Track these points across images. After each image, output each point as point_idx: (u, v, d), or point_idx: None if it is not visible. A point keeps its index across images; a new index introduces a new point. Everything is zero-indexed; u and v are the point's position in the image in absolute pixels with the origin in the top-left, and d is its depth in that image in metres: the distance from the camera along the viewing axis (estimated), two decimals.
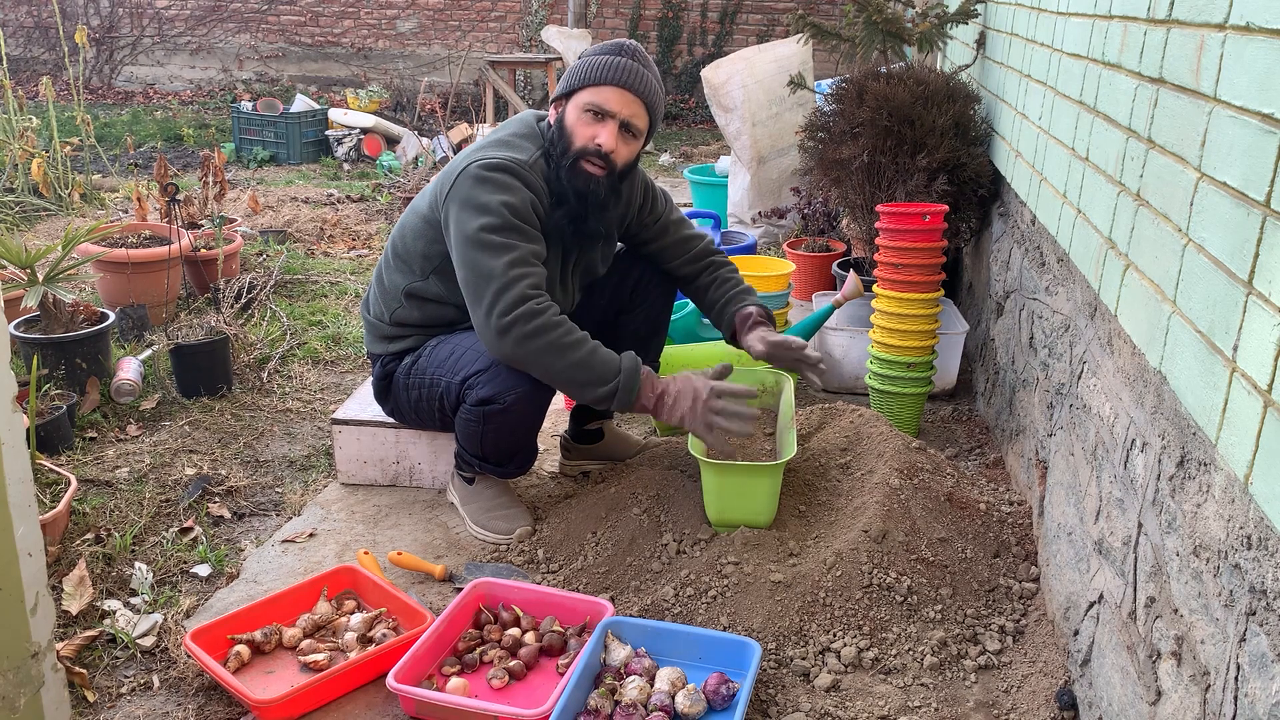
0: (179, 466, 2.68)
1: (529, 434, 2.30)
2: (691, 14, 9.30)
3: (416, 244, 2.27)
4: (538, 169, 2.19)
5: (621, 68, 2.16)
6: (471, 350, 2.20)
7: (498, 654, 1.90)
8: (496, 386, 2.13)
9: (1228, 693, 1.14)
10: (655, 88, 2.22)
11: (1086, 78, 2.04)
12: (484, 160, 2.14)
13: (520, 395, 2.14)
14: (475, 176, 2.13)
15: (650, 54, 9.34)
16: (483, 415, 2.18)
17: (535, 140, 2.24)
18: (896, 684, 1.82)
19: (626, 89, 2.16)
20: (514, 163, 2.14)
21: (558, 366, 2.04)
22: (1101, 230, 1.81)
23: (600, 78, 2.16)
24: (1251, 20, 1.20)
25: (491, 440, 2.24)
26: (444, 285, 2.25)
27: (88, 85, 9.77)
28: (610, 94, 2.16)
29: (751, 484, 2.09)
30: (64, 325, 2.99)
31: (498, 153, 2.16)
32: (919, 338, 2.79)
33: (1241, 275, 1.17)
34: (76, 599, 2.04)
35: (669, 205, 2.51)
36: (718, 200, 5.15)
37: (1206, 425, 1.24)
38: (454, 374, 2.21)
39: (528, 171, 2.16)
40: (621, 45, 2.21)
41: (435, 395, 2.26)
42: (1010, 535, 2.17)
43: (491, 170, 2.12)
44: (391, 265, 2.34)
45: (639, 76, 2.18)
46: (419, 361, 2.29)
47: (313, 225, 5.15)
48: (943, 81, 3.29)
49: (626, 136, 2.20)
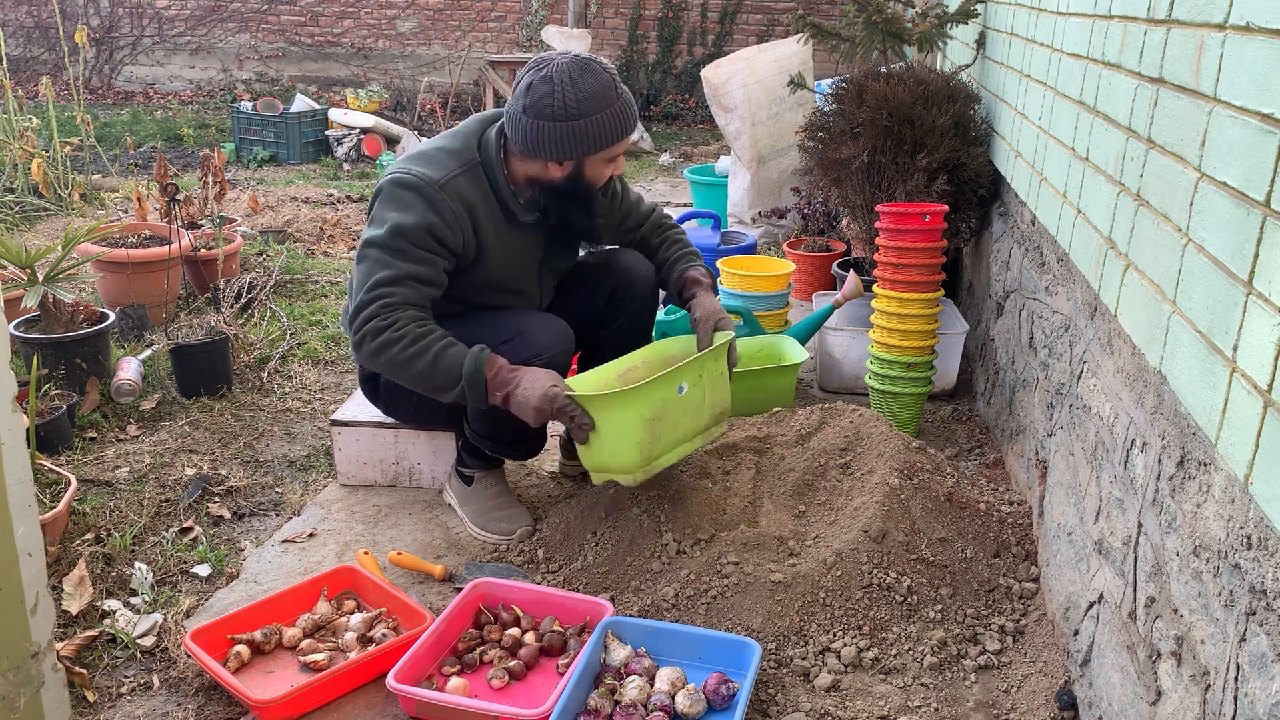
0: (179, 466, 2.68)
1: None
2: (691, 14, 9.30)
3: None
4: (452, 189, 2.13)
5: (627, 117, 2.14)
6: (493, 327, 2.21)
7: (498, 654, 1.90)
8: (529, 351, 2.14)
9: (1228, 693, 1.14)
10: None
11: (1086, 78, 2.04)
12: (396, 174, 2.15)
13: (551, 359, 2.15)
14: (383, 189, 2.15)
15: (650, 54, 9.41)
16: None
17: (461, 156, 2.19)
18: (896, 684, 1.82)
19: (631, 132, 2.21)
20: (423, 180, 2.11)
21: (405, 377, 2.08)
22: (1101, 230, 1.81)
23: (623, 133, 2.16)
24: (1251, 20, 1.20)
25: (510, 414, 2.18)
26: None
27: (88, 85, 9.77)
28: (622, 145, 2.20)
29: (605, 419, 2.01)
30: (64, 325, 2.99)
31: (413, 167, 2.15)
32: (919, 338, 2.79)
33: (1241, 275, 1.17)
34: (76, 599, 2.04)
35: (625, 185, 2.54)
36: (718, 200, 5.15)
37: (1206, 425, 1.24)
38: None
39: (437, 191, 2.11)
40: (612, 83, 2.11)
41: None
42: (1010, 535, 2.17)
43: (397, 186, 2.13)
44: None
45: (634, 113, 2.17)
46: None
47: (313, 225, 5.15)
48: (943, 81, 3.29)
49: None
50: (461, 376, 2.03)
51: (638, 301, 2.47)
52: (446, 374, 2.03)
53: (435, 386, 2.07)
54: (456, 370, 2.03)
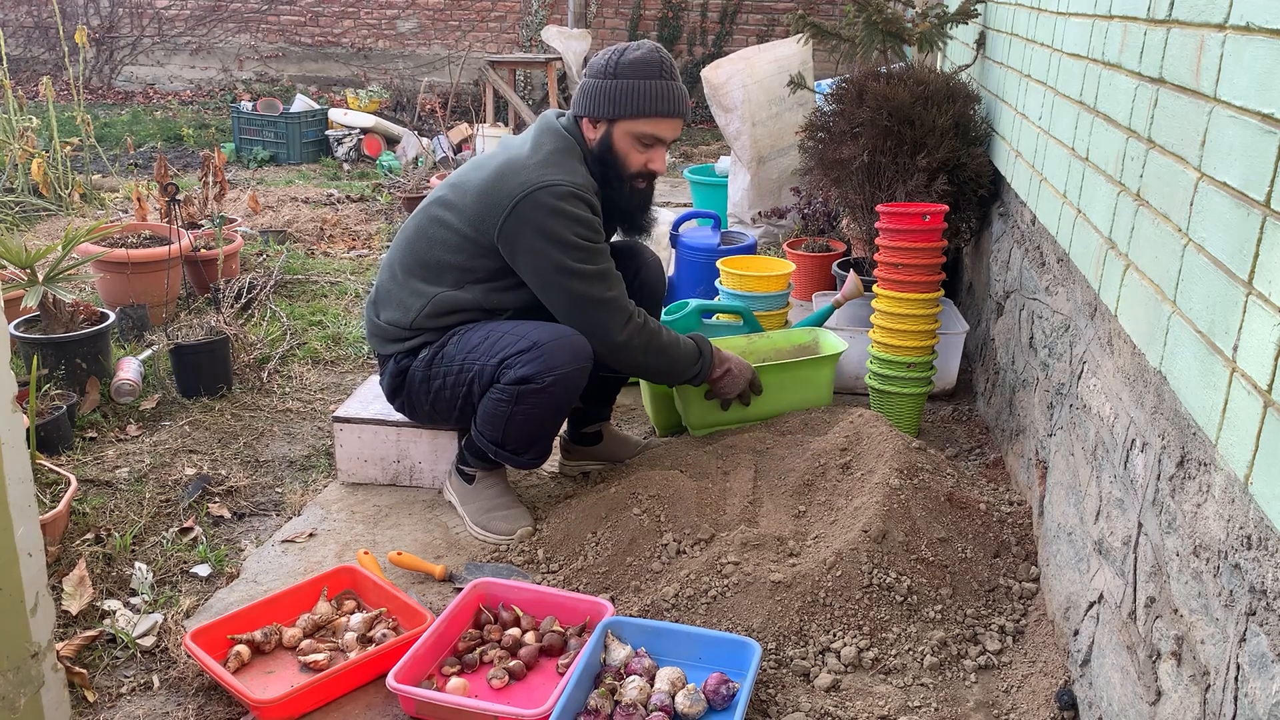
0: (179, 466, 2.68)
1: (555, 420, 2.30)
2: (691, 14, 9.30)
3: (452, 257, 2.29)
4: (590, 188, 2.25)
5: (675, 98, 2.25)
6: (510, 334, 2.23)
7: (498, 654, 1.90)
8: (538, 366, 2.16)
9: (1228, 693, 1.14)
10: (689, 99, 2.33)
11: (1086, 78, 2.04)
12: (550, 187, 2.17)
13: (559, 378, 2.17)
14: (548, 207, 2.17)
15: None
16: (517, 394, 2.18)
17: (577, 155, 2.29)
18: (896, 684, 1.82)
19: (679, 118, 2.28)
20: (577, 188, 2.20)
21: (663, 364, 2.37)
22: (1101, 230, 1.81)
23: (656, 109, 2.23)
24: (1251, 20, 1.20)
25: (519, 423, 2.23)
26: (482, 294, 2.30)
27: (88, 85, 9.77)
28: (665, 126, 2.27)
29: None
30: (64, 325, 2.99)
31: (558, 176, 2.20)
32: (919, 338, 2.79)
33: (1241, 275, 1.17)
34: (76, 599, 2.04)
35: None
36: (718, 200, 5.15)
37: (1206, 425, 1.24)
38: (490, 356, 2.22)
39: (589, 195, 2.23)
40: (661, 63, 2.24)
41: (465, 380, 2.26)
42: (1010, 535, 2.17)
43: (562, 199, 2.18)
44: (414, 274, 2.33)
45: (685, 101, 2.27)
46: (444, 350, 2.29)
47: (313, 225, 5.15)
48: (943, 81, 3.29)
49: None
50: (700, 352, 2.42)
51: (647, 287, 2.55)
52: (689, 353, 2.40)
53: (682, 368, 2.40)
54: (693, 347, 2.41)
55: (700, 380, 2.45)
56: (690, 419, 2.68)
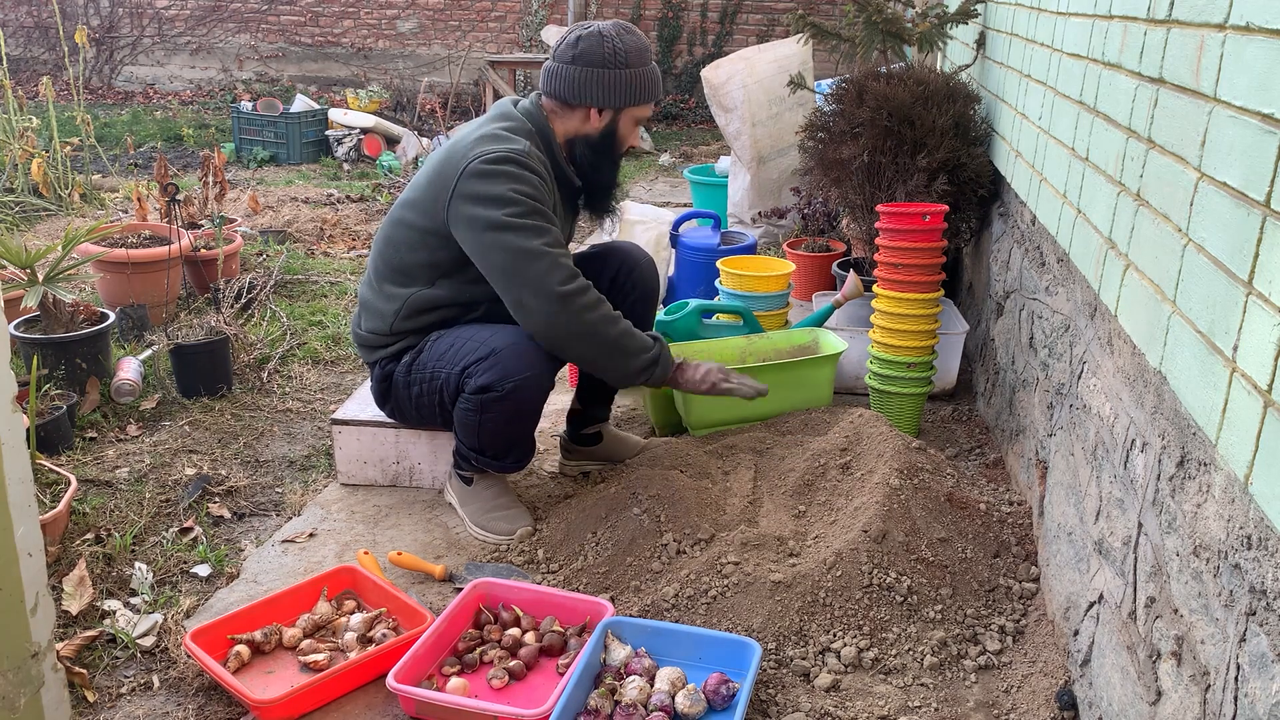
0: (179, 466, 2.68)
1: (527, 424, 2.30)
2: (691, 14, 9.30)
3: (416, 255, 2.28)
4: (534, 157, 2.21)
5: (660, 82, 2.32)
6: (471, 341, 2.21)
7: (498, 654, 1.90)
8: (496, 374, 2.14)
9: (1228, 693, 1.14)
10: None
11: (1086, 78, 2.04)
12: (485, 155, 2.15)
13: (518, 384, 2.15)
14: (480, 172, 2.14)
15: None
16: (481, 404, 2.18)
17: (522, 130, 2.27)
18: (896, 684, 1.82)
19: (660, 99, 2.37)
20: (514, 153, 2.17)
21: (611, 334, 2.16)
22: (1101, 230, 1.81)
23: (657, 93, 2.31)
24: (1251, 20, 1.20)
25: (489, 430, 2.24)
26: (453, 288, 2.28)
27: (88, 85, 9.77)
28: (652, 106, 2.33)
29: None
30: (64, 325, 2.99)
31: (492, 146, 2.17)
32: (919, 338, 2.79)
33: (1241, 275, 1.17)
34: (76, 599, 2.04)
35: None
36: (718, 200, 5.15)
37: (1206, 425, 1.24)
38: (453, 365, 2.21)
39: (529, 160, 2.18)
40: (643, 48, 2.28)
41: (435, 389, 2.26)
42: (1010, 535, 2.17)
43: (495, 163, 2.14)
44: (388, 279, 2.32)
45: (662, 83, 2.35)
46: (420, 357, 2.29)
47: (313, 225, 5.15)
48: (943, 81, 3.29)
49: None
50: (653, 347, 2.22)
51: (639, 287, 2.52)
52: (642, 337, 2.21)
53: (633, 348, 2.19)
54: (642, 340, 2.21)
55: (656, 376, 2.25)
56: (690, 419, 2.67)
